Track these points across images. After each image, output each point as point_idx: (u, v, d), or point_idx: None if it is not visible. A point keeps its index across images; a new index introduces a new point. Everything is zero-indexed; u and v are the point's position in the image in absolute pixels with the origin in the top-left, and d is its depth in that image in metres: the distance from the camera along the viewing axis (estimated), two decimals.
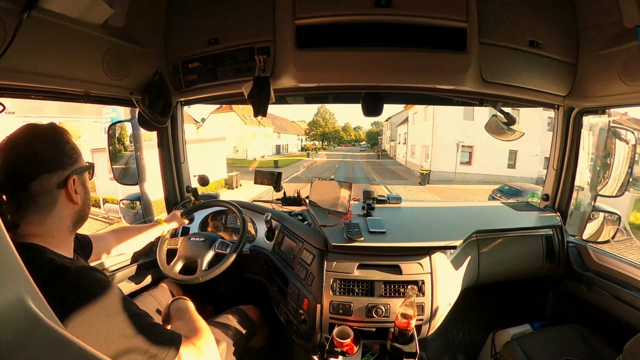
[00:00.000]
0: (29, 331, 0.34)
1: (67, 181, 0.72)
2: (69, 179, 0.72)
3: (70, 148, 0.76)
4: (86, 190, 0.80)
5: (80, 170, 0.77)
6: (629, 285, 1.32)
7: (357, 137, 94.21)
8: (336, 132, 72.81)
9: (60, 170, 0.71)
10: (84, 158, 0.81)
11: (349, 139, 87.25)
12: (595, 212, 1.56)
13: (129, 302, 0.69)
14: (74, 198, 0.74)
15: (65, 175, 0.72)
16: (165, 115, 1.47)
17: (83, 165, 0.78)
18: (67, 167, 0.73)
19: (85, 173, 0.79)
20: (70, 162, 0.74)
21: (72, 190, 0.73)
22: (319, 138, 71.11)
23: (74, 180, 0.74)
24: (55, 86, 1.12)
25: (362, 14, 1.11)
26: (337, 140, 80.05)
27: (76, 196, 0.74)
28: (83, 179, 0.78)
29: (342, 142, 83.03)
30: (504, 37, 1.21)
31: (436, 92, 1.53)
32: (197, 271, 1.35)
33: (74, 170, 0.74)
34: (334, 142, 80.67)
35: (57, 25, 0.94)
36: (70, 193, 0.73)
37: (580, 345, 1.28)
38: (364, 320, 1.20)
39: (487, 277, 1.50)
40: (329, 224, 1.40)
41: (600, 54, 1.21)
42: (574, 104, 1.51)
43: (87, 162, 0.81)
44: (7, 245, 0.35)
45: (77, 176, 0.75)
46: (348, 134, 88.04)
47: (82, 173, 0.78)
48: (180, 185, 1.88)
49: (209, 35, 1.33)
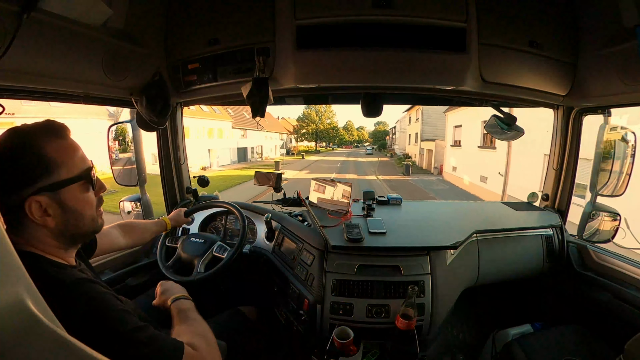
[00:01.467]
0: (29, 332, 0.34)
1: (23, 204, 0.60)
2: (24, 202, 0.60)
3: (40, 159, 0.62)
4: (67, 209, 0.65)
5: (52, 186, 0.62)
6: (630, 285, 1.32)
7: (360, 137, 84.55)
8: (334, 129, 57.36)
9: (15, 192, 0.60)
10: (78, 164, 0.67)
11: (350, 139, 76.27)
12: (596, 212, 1.56)
13: (127, 315, 0.65)
14: (40, 222, 0.62)
15: (22, 198, 0.60)
16: (164, 116, 1.47)
17: (58, 180, 0.63)
18: (25, 186, 0.60)
19: (70, 187, 0.65)
20: (32, 179, 0.61)
21: (34, 215, 0.61)
22: (310, 137, 54.86)
23: (37, 202, 0.61)
24: (55, 87, 1.12)
25: (362, 14, 1.11)
26: (338, 140, 68.68)
27: (44, 219, 0.62)
28: (59, 197, 0.64)
29: (343, 143, 73.10)
30: (503, 37, 1.21)
31: (436, 93, 1.53)
32: (193, 272, 1.36)
33: (38, 190, 0.61)
34: (333, 143, 69.87)
35: (56, 26, 0.94)
36: (32, 217, 0.61)
37: (581, 345, 1.28)
38: (365, 320, 1.20)
39: (487, 277, 1.50)
40: (329, 225, 1.40)
41: (599, 54, 1.21)
42: (573, 104, 1.51)
43: (83, 170, 0.68)
44: (7, 247, 0.35)
45: (46, 195, 0.62)
46: (350, 134, 76.13)
47: (57, 189, 0.63)
48: (181, 186, 1.89)
49: (209, 35, 1.33)
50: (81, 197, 0.68)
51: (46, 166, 0.63)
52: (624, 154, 1.46)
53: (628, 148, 1.45)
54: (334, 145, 72.66)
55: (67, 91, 1.19)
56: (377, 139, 74.99)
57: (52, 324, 0.36)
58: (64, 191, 0.65)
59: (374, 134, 78.74)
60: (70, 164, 0.66)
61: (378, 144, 67.35)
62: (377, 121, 77.82)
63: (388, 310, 1.20)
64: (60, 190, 0.64)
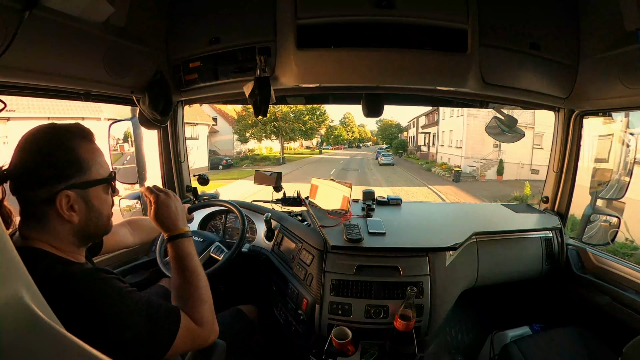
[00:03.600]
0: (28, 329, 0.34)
1: (54, 199, 0.64)
2: (57, 196, 0.64)
3: (75, 158, 0.67)
4: (92, 207, 0.70)
5: (83, 184, 0.68)
6: (629, 288, 1.32)
7: (362, 134, 67.35)
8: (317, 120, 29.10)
9: (49, 185, 0.64)
10: (104, 167, 0.73)
11: (350, 137, 60.11)
12: (596, 215, 1.56)
13: (134, 294, 0.68)
14: (66, 216, 0.66)
15: (53, 192, 0.64)
16: (166, 114, 1.48)
17: (88, 180, 0.69)
18: (59, 182, 0.65)
19: (96, 187, 0.71)
20: (66, 176, 0.66)
21: (63, 209, 0.65)
22: (269, 131, 25.71)
23: (67, 197, 0.65)
24: (56, 84, 1.12)
25: (363, 14, 1.11)
26: (334, 139, 54.51)
27: (70, 214, 0.66)
28: (87, 195, 0.69)
29: (339, 142, 56.50)
30: (505, 39, 1.21)
31: (437, 94, 1.53)
32: None
33: (70, 185, 0.66)
34: (327, 142, 53.67)
35: (58, 23, 0.94)
36: (61, 211, 0.65)
37: (579, 347, 1.28)
38: (363, 321, 1.20)
39: (486, 278, 1.50)
40: (328, 225, 1.40)
41: (600, 57, 1.21)
42: (574, 107, 1.51)
43: (109, 173, 0.74)
44: (7, 244, 0.35)
45: (75, 191, 0.66)
46: (349, 130, 59.80)
47: (87, 187, 0.69)
48: (181, 184, 1.89)
49: (211, 34, 1.33)
50: (104, 198, 0.74)
51: (79, 165, 0.68)
52: (624, 157, 1.47)
53: (628, 152, 1.45)
54: (327, 146, 53.67)
55: (69, 88, 1.19)
56: (386, 136, 53.24)
57: (51, 321, 0.36)
58: (92, 190, 0.70)
59: (381, 130, 56.13)
60: (98, 167, 0.72)
61: (394, 144, 44.90)
62: (379, 119, 54.21)
63: (387, 311, 1.20)
64: (89, 189, 0.69)
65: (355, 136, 63.24)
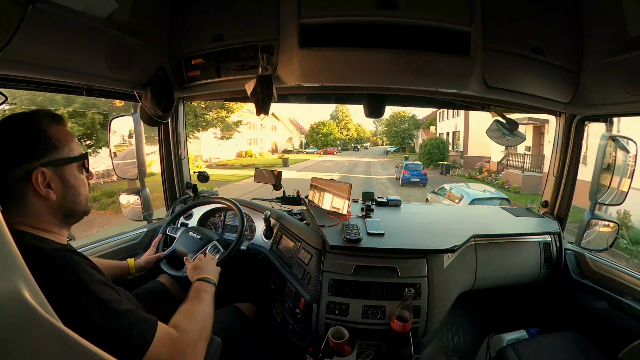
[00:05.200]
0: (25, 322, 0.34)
1: (30, 176, 0.67)
2: (32, 172, 0.67)
3: (46, 137, 0.70)
4: (68, 185, 0.73)
5: (57, 162, 0.71)
6: (626, 294, 1.32)
7: (360, 133, 52.84)
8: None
9: (24, 163, 0.67)
10: (76, 148, 0.76)
11: (345, 137, 45.48)
12: (594, 220, 1.56)
13: (103, 287, 0.67)
14: (43, 193, 0.68)
15: (29, 169, 0.67)
16: (168, 110, 1.47)
17: (61, 157, 0.72)
18: (33, 159, 0.67)
19: (70, 165, 0.73)
20: (40, 153, 0.68)
21: (39, 185, 0.68)
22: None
23: (43, 174, 0.68)
24: (57, 78, 1.12)
25: (367, 15, 1.11)
26: (322, 139, 41.38)
27: (47, 191, 0.69)
28: (62, 172, 0.72)
29: (329, 143, 42.47)
30: (508, 42, 1.21)
31: (439, 96, 1.53)
32: (183, 268, 1.34)
33: (45, 163, 0.69)
34: (313, 142, 41.59)
35: (61, 17, 0.94)
36: (37, 188, 0.67)
37: (576, 352, 1.28)
38: (360, 321, 1.20)
39: (484, 281, 1.50)
40: (327, 224, 1.40)
41: (603, 62, 1.21)
42: (575, 112, 1.51)
43: (81, 153, 0.77)
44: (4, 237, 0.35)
45: (50, 169, 0.69)
46: (344, 127, 44.89)
47: (61, 165, 0.72)
48: (181, 181, 1.89)
49: (213, 31, 1.33)
50: (79, 177, 0.77)
51: (51, 144, 0.71)
52: (624, 163, 1.46)
53: (629, 157, 1.45)
54: (313, 148, 40.53)
55: (70, 83, 1.19)
56: (396, 134, 38.13)
57: (49, 315, 0.36)
58: (66, 168, 0.73)
59: (389, 125, 39.75)
60: (70, 146, 0.75)
61: (402, 143, 34.88)
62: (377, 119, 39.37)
63: (384, 312, 1.20)
64: (64, 167, 0.72)
65: (351, 135, 46.72)
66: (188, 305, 0.90)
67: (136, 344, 0.65)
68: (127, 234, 1.64)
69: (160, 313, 1.05)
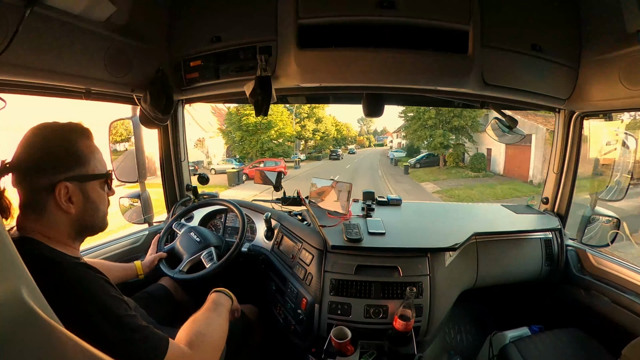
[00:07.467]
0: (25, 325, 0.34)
1: (54, 188, 0.67)
2: (56, 186, 0.67)
3: (74, 151, 0.71)
4: (89, 200, 0.73)
5: (82, 178, 0.71)
6: (628, 290, 1.32)
7: (345, 133, 40.19)
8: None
9: (50, 174, 0.67)
10: (102, 164, 0.76)
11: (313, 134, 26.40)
12: (595, 216, 1.56)
13: (118, 302, 0.67)
14: (64, 207, 0.69)
15: (54, 181, 0.67)
16: (167, 113, 1.47)
17: (86, 173, 0.72)
18: (59, 172, 0.68)
19: (93, 182, 0.74)
20: (66, 167, 0.69)
21: (61, 199, 0.68)
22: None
23: (66, 188, 0.68)
24: (56, 82, 1.11)
25: (365, 14, 1.11)
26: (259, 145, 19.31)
27: (67, 205, 0.69)
28: (85, 188, 0.72)
29: (270, 149, 19.11)
30: (506, 40, 1.21)
31: (438, 94, 1.53)
32: (176, 268, 1.36)
33: (70, 177, 0.69)
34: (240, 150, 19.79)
35: (59, 21, 0.94)
36: (59, 201, 0.68)
37: (578, 349, 1.28)
38: (362, 321, 1.20)
39: (485, 279, 1.50)
40: (328, 224, 1.40)
41: (601, 59, 1.21)
42: (574, 108, 1.51)
43: (106, 170, 0.77)
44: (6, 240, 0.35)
45: (74, 184, 0.70)
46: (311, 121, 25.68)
47: (85, 181, 0.72)
48: (181, 183, 1.89)
49: (212, 33, 1.33)
50: (101, 194, 0.77)
51: (79, 159, 0.71)
52: (624, 159, 1.46)
53: (629, 153, 1.45)
54: (232, 160, 19.60)
55: (69, 87, 1.19)
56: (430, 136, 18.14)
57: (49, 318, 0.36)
58: (90, 184, 0.73)
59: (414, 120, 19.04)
60: (96, 163, 0.75)
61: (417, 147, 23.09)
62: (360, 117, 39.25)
63: (386, 311, 1.20)
64: (87, 182, 0.73)
65: (327, 132, 28.63)
66: (203, 318, 0.86)
67: (150, 358, 0.66)
68: (128, 237, 1.64)
69: (162, 316, 1.05)
